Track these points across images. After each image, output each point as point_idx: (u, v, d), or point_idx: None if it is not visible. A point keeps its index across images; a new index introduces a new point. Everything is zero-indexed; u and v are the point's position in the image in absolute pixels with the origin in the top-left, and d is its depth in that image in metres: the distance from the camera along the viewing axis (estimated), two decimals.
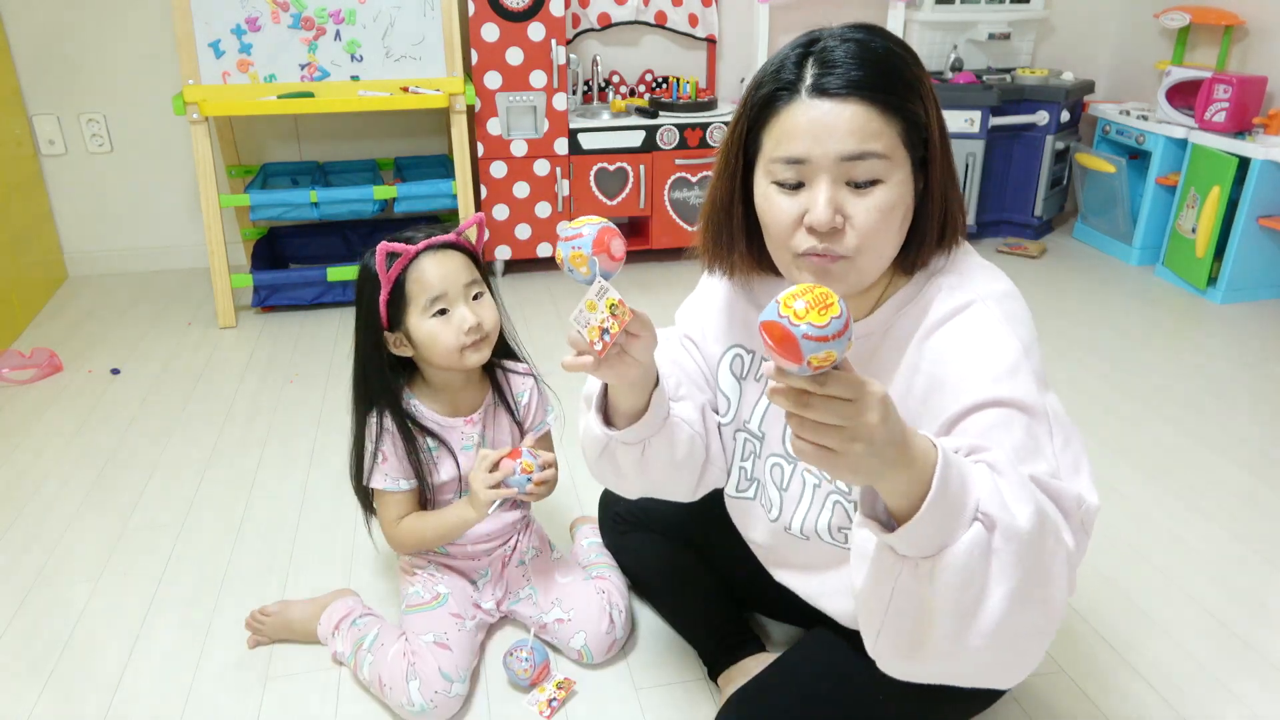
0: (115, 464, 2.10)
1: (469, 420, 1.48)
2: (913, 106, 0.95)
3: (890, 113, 0.93)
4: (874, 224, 0.94)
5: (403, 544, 1.49)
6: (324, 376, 2.53)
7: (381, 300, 1.35)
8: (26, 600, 1.66)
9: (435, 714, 1.36)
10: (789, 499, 1.21)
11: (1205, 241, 3.05)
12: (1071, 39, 3.88)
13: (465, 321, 1.36)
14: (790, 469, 1.21)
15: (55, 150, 3.17)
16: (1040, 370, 0.98)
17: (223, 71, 2.75)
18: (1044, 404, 0.94)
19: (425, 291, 1.35)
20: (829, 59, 0.94)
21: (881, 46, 0.96)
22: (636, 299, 1.02)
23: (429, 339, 1.37)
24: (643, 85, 3.54)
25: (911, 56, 0.98)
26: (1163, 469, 2.08)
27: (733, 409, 1.24)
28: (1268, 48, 3.21)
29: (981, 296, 1.00)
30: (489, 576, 1.56)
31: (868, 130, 0.92)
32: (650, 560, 1.57)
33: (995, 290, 1.01)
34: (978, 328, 0.98)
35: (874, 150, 0.93)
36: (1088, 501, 0.91)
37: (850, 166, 0.93)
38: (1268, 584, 1.70)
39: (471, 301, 1.39)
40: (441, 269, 1.36)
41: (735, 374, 1.22)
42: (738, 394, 1.23)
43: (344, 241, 3.32)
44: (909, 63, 0.97)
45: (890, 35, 0.99)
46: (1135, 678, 1.48)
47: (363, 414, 1.44)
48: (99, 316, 2.96)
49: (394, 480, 1.44)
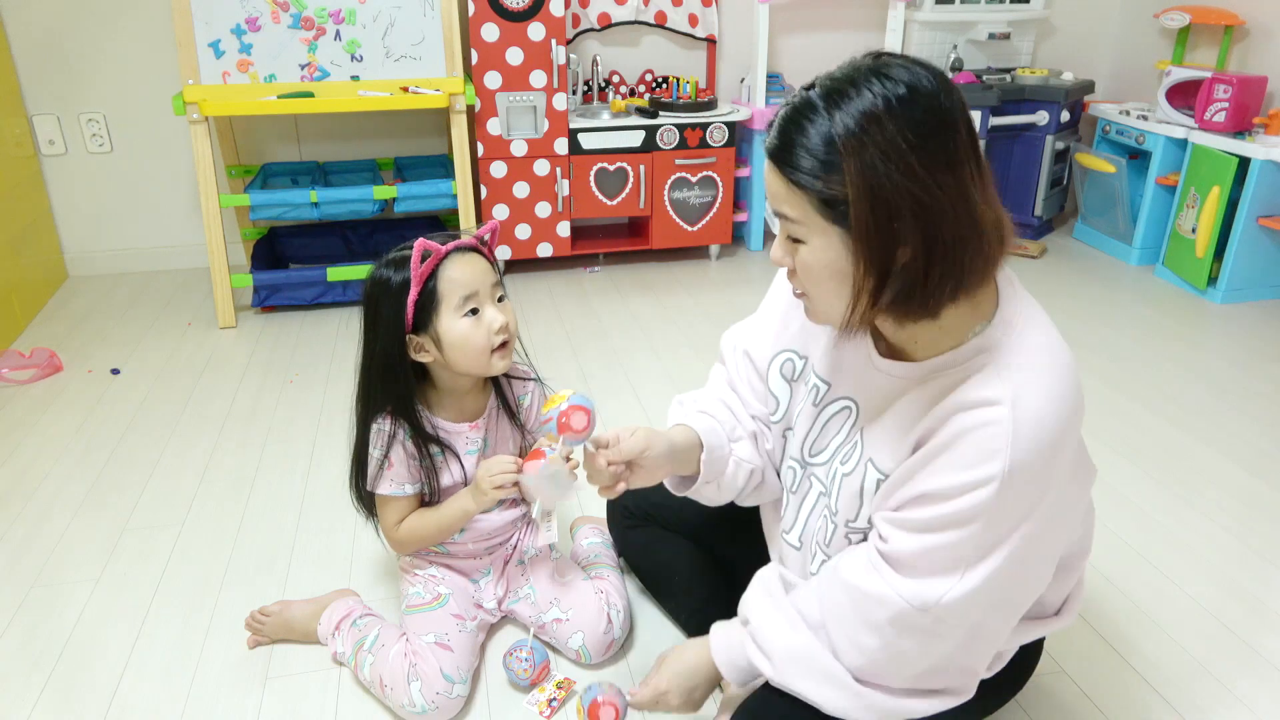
0: (115, 464, 2.10)
1: (474, 425, 1.48)
2: (818, 180, 0.92)
3: (793, 183, 0.94)
4: (804, 277, 1.00)
5: (405, 544, 1.49)
6: (324, 376, 2.53)
7: (410, 300, 1.33)
8: (26, 600, 1.66)
9: (437, 715, 1.36)
10: (797, 504, 1.24)
11: (1205, 241, 3.05)
12: (1071, 39, 3.88)
13: (496, 321, 1.36)
14: (801, 473, 1.24)
15: (55, 150, 3.17)
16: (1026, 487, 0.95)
17: (223, 71, 2.75)
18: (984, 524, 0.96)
19: (458, 290, 1.33)
20: (778, 115, 0.98)
21: (807, 102, 0.93)
22: (637, 298, 1.02)
23: (461, 340, 1.35)
24: (643, 85, 3.54)
25: (864, 124, 0.89)
26: (1163, 468, 2.08)
27: (781, 409, 1.27)
28: (1268, 48, 3.21)
29: (1009, 399, 0.95)
30: (490, 576, 1.56)
31: (777, 194, 0.98)
32: (657, 556, 1.57)
33: (1028, 391, 0.96)
34: (987, 434, 0.95)
35: (783, 213, 0.98)
36: (922, 596, 1.00)
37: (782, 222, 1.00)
38: (1268, 584, 1.70)
39: (497, 303, 1.38)
40: (472, 269, 1.35)
41: (785, 376, 1.25)
42: (788, 395, 1.26)
43: (344, 241, 3.32)
44: (833, 121, 0.90)
45: (847, 80, 0.92)
46: (1135, 678, 1.48)
47: (366, 421, 1.43)
48: (99, 316, 2.96)
49: (399, 485, 1.43)
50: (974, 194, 0.93)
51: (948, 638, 1.03)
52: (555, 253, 3.31)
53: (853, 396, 1.15)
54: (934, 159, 0.90)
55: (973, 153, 0.93)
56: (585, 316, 2.97)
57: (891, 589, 1.02)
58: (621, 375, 2.55)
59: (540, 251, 3.28)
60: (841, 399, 1.17)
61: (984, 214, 0.94)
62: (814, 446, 1.21)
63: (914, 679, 1.07)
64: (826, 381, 1.19)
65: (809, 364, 1.22)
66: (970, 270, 0.94)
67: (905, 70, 0.92)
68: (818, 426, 1.20)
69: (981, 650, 1.09)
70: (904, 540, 1.02)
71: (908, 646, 1.04)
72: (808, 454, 1.22)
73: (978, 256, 0.94)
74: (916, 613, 1.00)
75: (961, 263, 0.93)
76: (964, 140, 0.92)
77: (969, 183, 0.93)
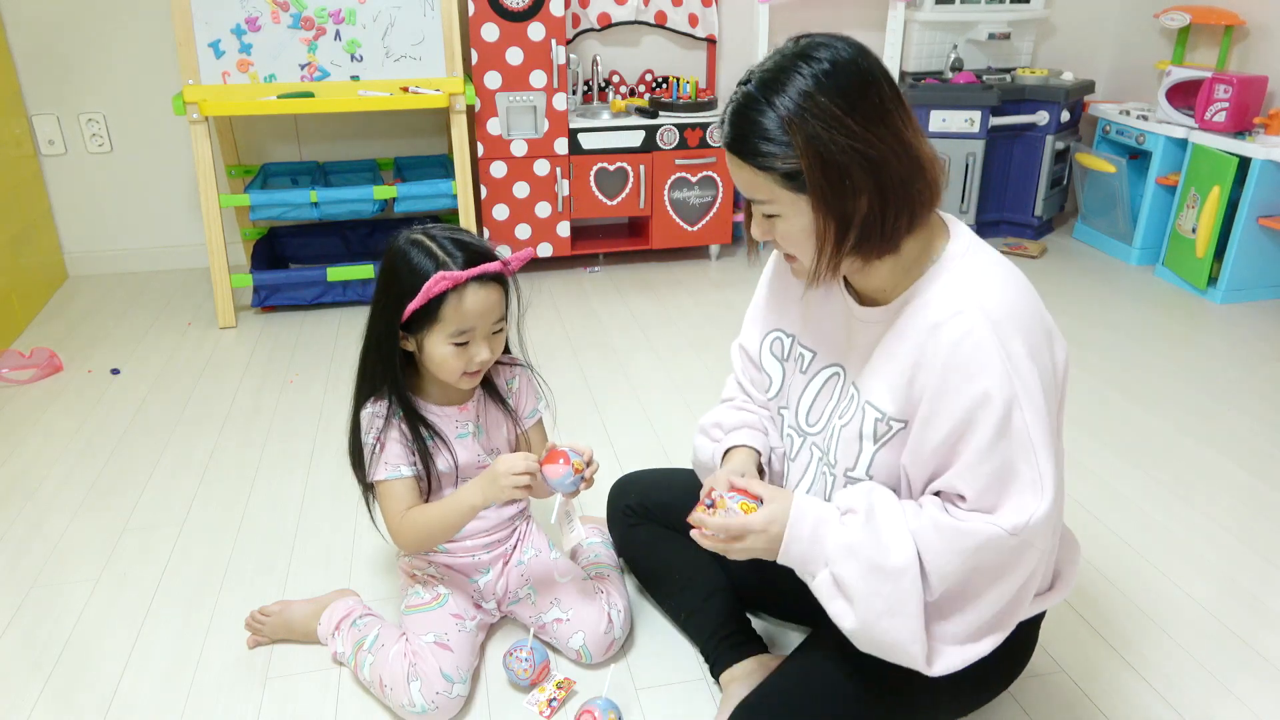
0: (115, 464, 2.10)
1: (462, 408, 1.48)
2: (775, 159, 1.03)
3: (756, 168, 1.05)
4: (786, 244, 1.12)
5: (409, 535, 1.44)
6: (324, 376, 2.53)
7: (411, 306, 1.32)
8: (26, 600, 1.66)
9: (436, 714, 1.36)
10: (795, 470, 1.30)
11: (1205, 241, 3.05)
12: (1071, 39, 3.88)
13: (478, 357, 1.36)
14: (800, 442, 1.29)
15: (55, 150, 3.17)
16: (1033, 358, 1.04)
17: (223, 71, 2.75)
18: (1010, 421, 1.03)
19: (458, 322, 1.32)
20: (726, 112, 1.08)
21: (748, 96, 1.05)
22: (637, 298, 1.04)
23: (439, 360, 1.36)
24: (643, 85, 3.54)
25: (800, 102, 1.01)
26: (1163, 468, 2.08)
27: (775, 386, 1.35)
28: (1268, 48, 3.21)
29: (974, 303, 1.06)
30: (490, 575, 1.56)
31: (745, 182, 1.09)
32: (658, 554, 1.57)
33: (986, 290, 1.08)
34: (964, 342, 1.04)
35: (757, 198, 1.09)
36: (1012, 523, 1.04)
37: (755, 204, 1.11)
38: (1268, 584, 1.70)
39: (491, 336, 1.38)
40: (482, 305, 1.33)
41: (777, 355, 1.34)
42: (780, 373, 1.34)
43: (344, 241, 3.32)
44: (775, 107, 1.02)
45: (778, 69, 1.04)
46: (1135, 678, 1.48)
47: (363, 395, 1.43)
48: (99, 316, 2.96)
49: (394, 468, 1.41)
50: (908, 136, 1.05)
51: (1027, 562, 1.07)
52: (555, 253, 3.31)
53: (839, 362, 1.24)
54: (867, 116, 1.02)
55: (898, 102, 1.06)
56: (585, 316, 2.97)
57: (986, 523, 1.04)
58: (621, 375, 2.55)
59: (540, 251, 3.28)
60: (829, 366, 1.26)
61: (922, 149, 1.07)
62: (810, 415, 1.28)
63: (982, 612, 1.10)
64: (812, 350, 1.28)
65: (795, 339, 1.31)
66: (921, 201, 1.07)
67: (825, 48, 1.04)
68: (809, 395, 1.28)
69: (1040, 570, 1.12)
70: (971, 481, 1.05)
71: (990, 577, 1.08)
72: (805, 423, 1.29)
73: (925, 188, 1.07)
74: (1008, 536, 1.04)
75: (912, 196, 1.06)
76: (888, 93, 1.04)
77: (901, 127, 1.05)
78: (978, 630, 1.10)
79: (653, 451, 2.15)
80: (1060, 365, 1.11)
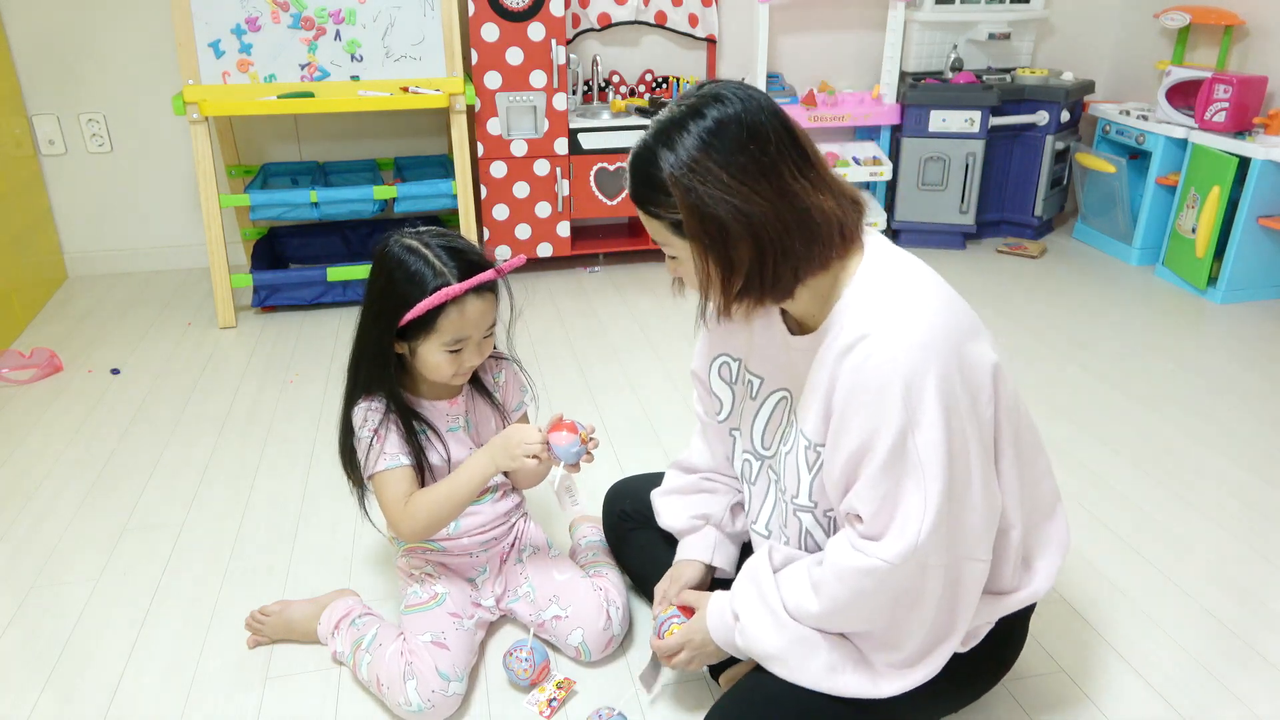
0: (115, 464, 2.10)
1: (452, 402, 1.49)
2: (662, 209, 1.10)
3: (648, 215, 1.13)
4: (689, 284, 1.18)
5: (418, 519, 1.41)
6: (324, 376, 2.53)
7: (408, 317, 1.32)
8: (26, 600, 1.66)
9: (433, 713, 1.36)
10: (755, 494, 1.34)
11: (1205, 241, 3.05)
12: (1071, 39, 3.88)
13: (469, 363, 1.39)
14: (758, 465, 1.33)
15: (55, 150, 3.17)
16: (939, 376, 1.05)
17: (223, 71, 2.75)
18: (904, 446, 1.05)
19: (454, 331, 1.34)
20: (629, 162, 1.14)
21: (645, 147, 1.10)
22: (636, 298, 1.05)
23: (432, 365, 1.38)
24: (643, 85, 3.54)
25: (684, 160, 1.05)
26: (1162, 468, 2.08)
27: (725, 409, 1.38)
28: (1268, 48, 3.21)
29: (876, 327, 1.07)
30: (487, 574, 1.56)
31: (646, 225, 1.15)
32: (654, 559, 1.57)
33: (892, 314, 1.08)
34: (864, 366, 1.07)
35: (657, 240, 1.16)
36: (897, 550, 1.07)
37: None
38: (1267, 584, 1.70)
39: (482, 341, 1.40)
40: (477, 314, 1.36)
41: (725, 379, 1.37)
42: (730, 396, 1.37)
43: (344, 241, 3.32)
44: (662, 160, 1.07)
45: (670, 124, 1.08)
46: (1135, 678, 1.48)
47: (355, 397, 1.44)
48: (99, 316, 2.96)
49: (394, 457, 1.41)
50: (797, 188, 1.07)
51: (933, 581, 1.10)
52: (555, 253, 3.31)
53: (786, 386, 1.26)
54: (745, 172, 1.05)
55: (791, 152, 1.07)
56: (585, 316, 2.97)
57: (875, 558, 1.08)
58: (621, 374, 2.55)
59: (540, 251, 3.28)
60: (778, 390, 1.28)
61: (814, 203, 1.08)
62: (764, 439, 1.30)
63: (916, 635, 1.15)
64: (759, 376, 1.30)
65: (743, 364, 1.33)
66: (807, 256, 1.09)
67: (716, 104, 1.07)
68: (760, 420, 1.30)
69: (969, 584, 1.15)
70: (865, 503, 1.09)
71: (905, 605, 1.12)
72: (760, 446, 1.32)
73: (813, 242, 1.08)
74: (903, 566, 1.07)
75: (794, 250, 1.08)
76: (776, 147, 1.06)
77: (790, 181, 1.07)
78: (918, 651, 1.15)
79: (652, 451, 2.15)
80: (982, 366, 1.10)
